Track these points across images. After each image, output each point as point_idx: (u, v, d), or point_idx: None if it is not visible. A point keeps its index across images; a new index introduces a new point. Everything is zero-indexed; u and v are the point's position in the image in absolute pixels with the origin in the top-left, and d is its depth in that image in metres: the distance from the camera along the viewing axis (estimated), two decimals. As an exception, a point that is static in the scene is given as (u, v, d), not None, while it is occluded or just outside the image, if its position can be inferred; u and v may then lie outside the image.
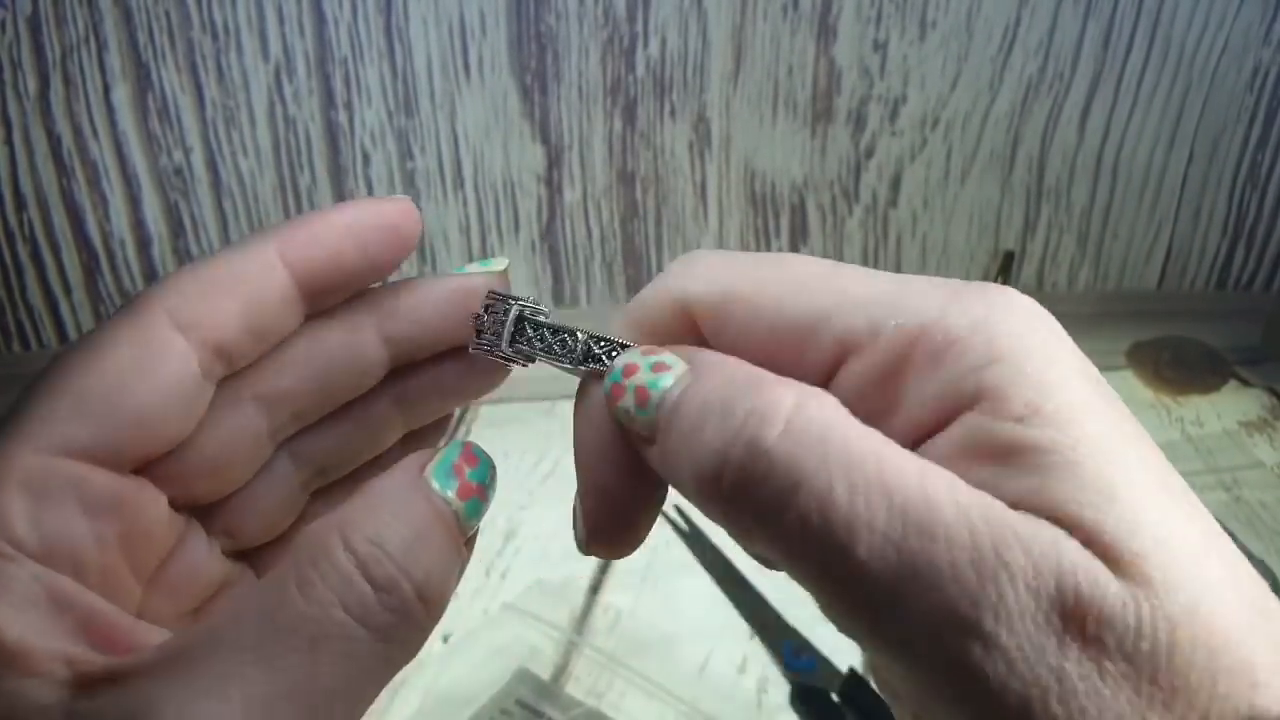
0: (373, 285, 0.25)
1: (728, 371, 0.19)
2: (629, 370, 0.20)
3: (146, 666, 0.18)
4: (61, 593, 0.19)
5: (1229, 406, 0.78)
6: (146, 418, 0.20)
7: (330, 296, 0.24)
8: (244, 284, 0.22)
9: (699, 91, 0.73)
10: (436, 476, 0.21)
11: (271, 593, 0.18)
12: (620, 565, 0.60)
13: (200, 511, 0.24)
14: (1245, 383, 0.80)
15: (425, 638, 0.20)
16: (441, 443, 0.24)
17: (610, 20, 0.70)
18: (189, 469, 0.22)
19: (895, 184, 0.77)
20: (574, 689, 0.50)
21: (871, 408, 0.19)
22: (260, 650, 0.17)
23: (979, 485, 0.17)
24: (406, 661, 0.19)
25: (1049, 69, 0.74)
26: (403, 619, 0.19)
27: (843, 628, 0.18)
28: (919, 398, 0.18)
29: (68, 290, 0.75)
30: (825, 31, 0.71)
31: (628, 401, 0.20)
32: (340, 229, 0.23)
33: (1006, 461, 0.17)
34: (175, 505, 0.23)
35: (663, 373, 0.20)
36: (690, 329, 0.22)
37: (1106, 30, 0.73)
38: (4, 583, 0.18)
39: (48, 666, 0.17)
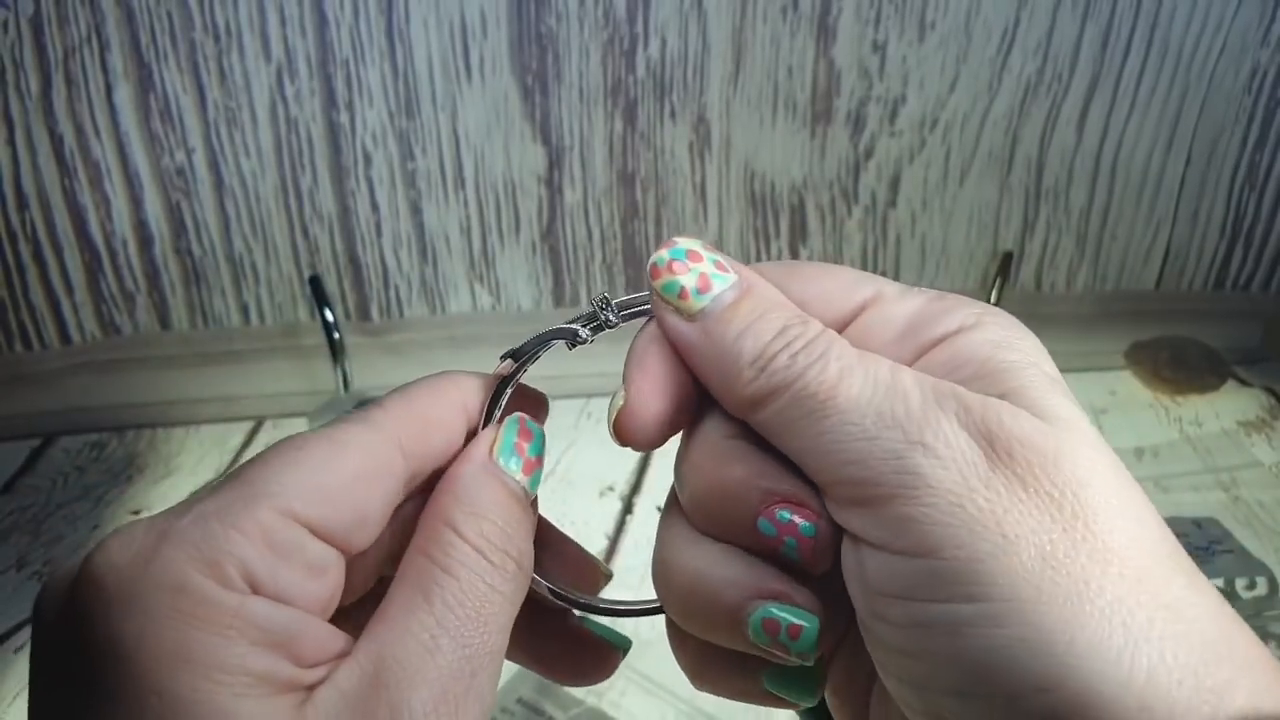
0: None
1: (771, 293, 0.24)
2: (693, 256, 0.24)
3: (354, 669, 0.21)
4: (296, 627, 0.21)
5: (1227, 406, 0.78)
6: (365, 521, 0.23)
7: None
8: (445, 428, 0.25)
9: (699, 92, 0.73)
10: (504, 460, 0.25)
11: (428, 593, 0.22)
12: (620, 565, 0.60)
13: None
14: (1244, 383, 0.80)
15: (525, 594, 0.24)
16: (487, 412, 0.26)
17: (611, 21, 0.70)
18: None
19: (894, 185, 0.78)
20: (574, 687, 0.51)
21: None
22: (446, 627, 0.22)
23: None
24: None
25: (1047, 70, 0.74)
26: (516, 586, 0.23)
27: (827, 470, 0.22)
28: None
29: (70, 290, 0.75)
30: (825, 33, 0.72)
31: (689, 280, 0.23)
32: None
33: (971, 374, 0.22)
34: None
35: (723, 272, 0.24)
36: None
37: (1105, 32, 0.73)
38: (250, 618, 0.20)
39: (285, 688, 0.20)
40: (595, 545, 0.61)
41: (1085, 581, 0.19)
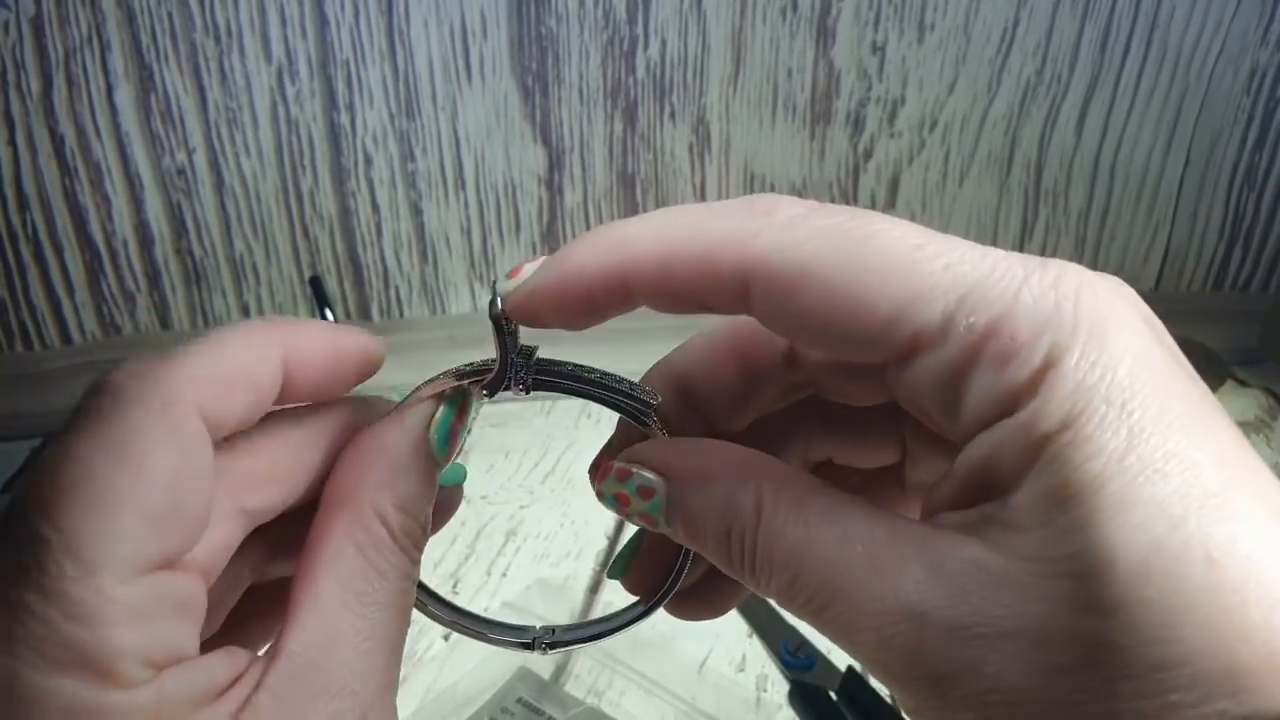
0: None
1: (706, 481, 0.22)
2: (621, 499, 0.24)
3: (285, 670, 0.21)
4: (202, 684, 0.20)
5: (1226, 407, 0.77)
6: (199, 522, 0.20)
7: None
8: (253, 384, 0.22)
9: (699, 94, 0.73)
10: (438, 445, 0.24)
11: (362, 596, 0.22)
12: (620, 564, 0.60)
13: None
14: (1242, 384, 0.80)
15: None
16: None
17: (611, 22, 0.70)
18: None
19: (893, 186, 0.78)
20: (574, 688, 0.51)
21: (941, 399, 0.20)
22: (377, 629, 0.22)
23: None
24: None
25: (1046, 71, 0.74)
26: (417, 563, 0.23)
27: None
28: (981, 394, 0.19)
29: (71, 290, 0.75)
30: (824, 34, 0.72)
31: (637, 521, 0.24)
32: (327, 343, 0.24)
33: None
34: None
35: (648, 498, 0.23)
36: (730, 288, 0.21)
37: (1104, 32, 0.73)
38: (171, 705, 0.19)
39: None
40: (595, 545, 0.61)
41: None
